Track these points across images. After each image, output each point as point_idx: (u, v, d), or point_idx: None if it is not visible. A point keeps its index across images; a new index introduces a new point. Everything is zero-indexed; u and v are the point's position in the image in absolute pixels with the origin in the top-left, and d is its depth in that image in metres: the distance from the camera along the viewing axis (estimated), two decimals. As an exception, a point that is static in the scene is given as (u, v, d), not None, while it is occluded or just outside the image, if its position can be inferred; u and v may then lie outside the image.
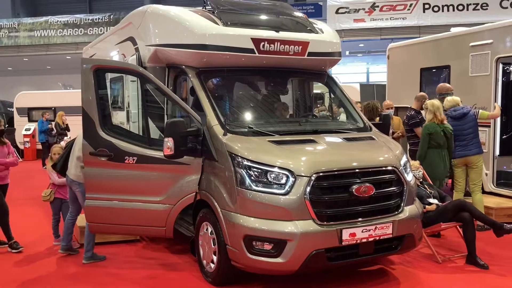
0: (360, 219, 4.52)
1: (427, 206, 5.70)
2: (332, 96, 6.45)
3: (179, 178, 5.12)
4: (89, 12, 29.35)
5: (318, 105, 9.67)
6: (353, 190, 4.46)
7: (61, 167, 6.00)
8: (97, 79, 5.29)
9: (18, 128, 18.58)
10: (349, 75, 29.28)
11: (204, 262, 5.05)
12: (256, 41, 5.38)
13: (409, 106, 9.76)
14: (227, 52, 5.33)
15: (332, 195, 4.49)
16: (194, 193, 5.05)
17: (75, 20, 23.46)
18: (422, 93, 8.38)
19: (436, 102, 6.68)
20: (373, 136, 5.42)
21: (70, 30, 23.40)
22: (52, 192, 6.48)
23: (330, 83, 6.30)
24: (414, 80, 9.68)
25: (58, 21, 23.58)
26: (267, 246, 4.34)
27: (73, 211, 6.02)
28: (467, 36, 8.46)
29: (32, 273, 5.49)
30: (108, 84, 7.52)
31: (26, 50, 24.14)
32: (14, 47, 24.01)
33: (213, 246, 4.84)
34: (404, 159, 5.06)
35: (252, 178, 4.45)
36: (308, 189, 4.34)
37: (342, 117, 6.96)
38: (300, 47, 5.61)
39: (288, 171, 4.41)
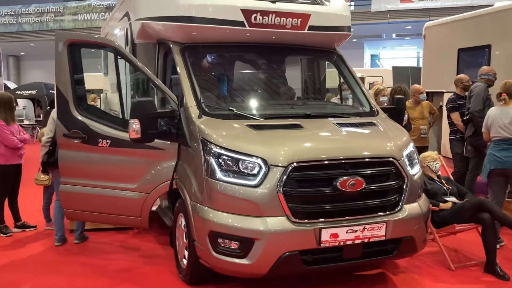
0: (345, 217, 3.87)
1: (441, 204, 4.96)
2: (341, 77, 5.74)
3: (153, 164, 4.66)
4: (134, -5, 29.46)
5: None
6: (338, 183, 3.81)
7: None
8: (71, 54, 4.90)
9: (57, 109, 19.00)
10: (399, 59, 27.85)
11: (179, 257, 4.59)
12: (247, 12, 4.78)
13: (444, 91, 8.89)
14: (213, 25, 4.78)
15: (311, 188, 3.86)
16: (170, 181, 4.59)
17: (117, 4, 23.55)
18: (459, 76, 7.46)
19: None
20: (376, 122, 4.70)
21: (112, 14, 23.54)
22: (50, 177, 6.21)
23: (338, 62, 5.60)
24: (451, 62, 8.71)
25: (100, 4, 23.80)
26: (234, 245, 3.79)
27: None
28: (512, 11, 7.43)
29: (4, 259, 5.24)
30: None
31: (70, 34, 24.56)
32: (59, 31, 24.44)
33: (185, 241, 4.37)
34: (409, 149, 4.34)
35: (222, 167, 3.90)
36: (283, 181, 3.74)
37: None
38: (300, 19, 4.97)
39: (261, 160, 3.82)
